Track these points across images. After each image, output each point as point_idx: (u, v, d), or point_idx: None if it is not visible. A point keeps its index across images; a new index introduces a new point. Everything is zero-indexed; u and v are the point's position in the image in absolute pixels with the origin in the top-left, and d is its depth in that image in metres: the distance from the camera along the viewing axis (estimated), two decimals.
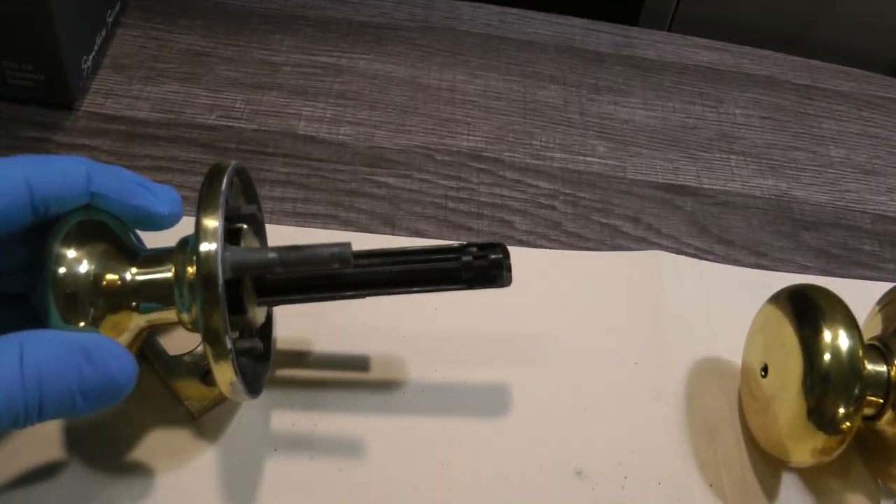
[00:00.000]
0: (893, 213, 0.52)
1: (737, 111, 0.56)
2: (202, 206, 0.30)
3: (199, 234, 0.30)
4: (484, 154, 0.50)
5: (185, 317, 0.32)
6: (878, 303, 0.39)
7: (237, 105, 0.50)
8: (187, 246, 0.32)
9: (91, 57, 0.48)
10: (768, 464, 0.38)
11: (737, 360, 0.41)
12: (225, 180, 0.31)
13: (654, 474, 0.37)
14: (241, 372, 0.31)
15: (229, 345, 0.29)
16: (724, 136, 0.54)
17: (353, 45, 0.55)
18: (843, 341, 0.34)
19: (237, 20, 0.54)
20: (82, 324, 0.30)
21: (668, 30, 0.67)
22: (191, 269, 0.31)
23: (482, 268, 0.33)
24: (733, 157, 0.53)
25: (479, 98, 0.53)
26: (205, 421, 0.36)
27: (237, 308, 0.32)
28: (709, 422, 0.39)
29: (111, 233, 0.32)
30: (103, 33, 0.50)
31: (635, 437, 0.38)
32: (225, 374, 0.30)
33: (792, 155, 0.54)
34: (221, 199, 0.30)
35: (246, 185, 0.36)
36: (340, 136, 0.49)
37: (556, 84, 0.56)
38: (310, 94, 0.51)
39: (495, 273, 0.33)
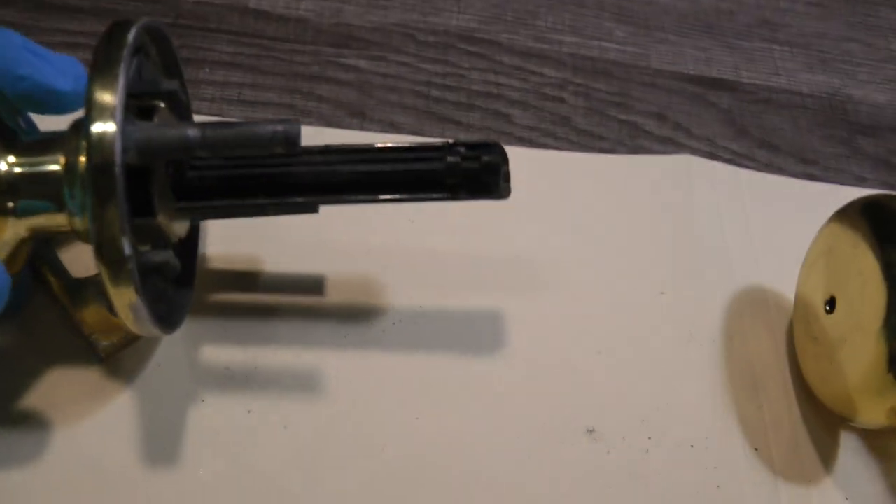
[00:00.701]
0: None
1: None
2: (96, 70, 0.25)
3: (90, 105, 0.25)
4: (477, 35, 0.46)
5: (78, 221, 0.27)
6: None
7: None
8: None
9: None
10: (826, 423, 0.35)
11: (788, 291, 0.37)
12: (130, 36, 0.26)
13: (686, 436, 0.33)
14: (155, 297, 0.27)
15: (128, 251, 0.25)
16: (766, 23, 0.51)
17: None
18: None
19: None
20: None
21: None
22: (83, 158, 0.26)
23: (472, 172, 0.29)
24: (776, 47, 0.49)
25: None
26: (115, 362, 0.32)
27: (144, 209, 0.27)
28: (753, 370, 0.36)
29: None
30: None
31: (662, 389, 0.35)
32: (122, 294, 0.25)
33: (845, 47, 0.51)
34: (124, 54, 0.25)
35: (166, 57, 0.31)
36: (300, 12, 0.45)
37: None
38: None
39: (489, 180, 0.29)
